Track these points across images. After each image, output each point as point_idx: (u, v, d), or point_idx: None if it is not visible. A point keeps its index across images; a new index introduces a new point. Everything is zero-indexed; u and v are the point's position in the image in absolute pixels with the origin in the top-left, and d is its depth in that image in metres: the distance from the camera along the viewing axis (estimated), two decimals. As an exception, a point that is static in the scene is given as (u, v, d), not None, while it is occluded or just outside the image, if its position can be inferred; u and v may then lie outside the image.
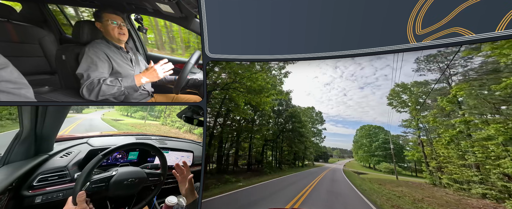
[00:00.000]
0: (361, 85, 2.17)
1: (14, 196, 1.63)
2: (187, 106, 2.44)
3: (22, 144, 1.84)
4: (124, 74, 2.11)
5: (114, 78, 2.02)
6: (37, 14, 2.16)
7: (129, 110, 2.80)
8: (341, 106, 2.32)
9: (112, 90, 1.97)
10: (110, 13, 2.07)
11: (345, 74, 2.22)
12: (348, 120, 2.34)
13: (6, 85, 1.63)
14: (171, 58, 2.54)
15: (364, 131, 2.56)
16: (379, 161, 2.64)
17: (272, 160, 2.97)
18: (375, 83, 2.12)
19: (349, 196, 2.34)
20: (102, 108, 2.61)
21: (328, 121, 2.47)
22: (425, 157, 2.12)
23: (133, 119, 2.82)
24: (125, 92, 2.03)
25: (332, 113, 2.39)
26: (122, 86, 2.00)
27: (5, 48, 1.89)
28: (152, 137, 2.65)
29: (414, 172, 2.21)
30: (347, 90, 2.26)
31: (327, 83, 2.34)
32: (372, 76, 2.11)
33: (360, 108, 2.23)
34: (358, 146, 2.77)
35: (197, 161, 2.58)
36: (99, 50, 2.01)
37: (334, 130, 2.46)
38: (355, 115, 2.29)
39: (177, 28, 2.51)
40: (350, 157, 2.95)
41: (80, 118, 2.35)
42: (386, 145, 2.49)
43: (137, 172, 1.78)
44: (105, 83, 1.95)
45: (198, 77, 2.36)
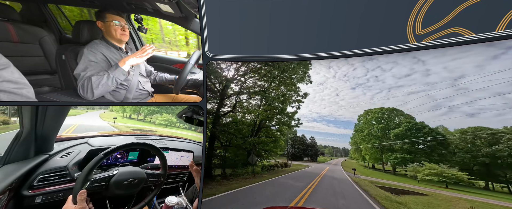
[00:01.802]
0: (353, 85, 2.21)
1: (14, 196, 1.63)
2: (187, 106, 2.44)
3: (22, 144, 1.84)
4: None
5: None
6: (37, 14, 2.16)
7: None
8: (334, 106, 2.35)
9: (101, 80, 1.95)
10: (113, 14, 2.07)
11: (338, 74, 2.26)
12: (340, 120, 2.36)
13: (7, 85, 1.64)
14: (171, 58, 2.55)
15: (372, 115, 2.12)
16: (405, 160, 1.92)
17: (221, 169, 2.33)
18: (366, 84, 2.16)
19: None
20: (93, 108, 2.50)
21: (320, 121, 2.47)
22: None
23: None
24: (114, 79, 2.00)
25: (324, 113, 2.42)
26: (110, 73, 1.99)
27: (5, 48, 1.89)
28: (152, 137, 2.65)
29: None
30: (340, 90, 2.30)
31: (320, 82, 2.37)
32: (363, 77, 2.15)
33: (352, 108, 2.26)
34: (362, 137, 2.23)
35: (197, 161, 2.58)
36: (97, 51, 2.01)
37: (326, 129, 2.47)
38: (346, 115, 2.31)
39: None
40: (342, 156, 2.63)
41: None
42: (419, 134, 1.88)
43: (137, 172, 1.78)
44: (93, 75, 1.94)
45: (198, 77, 2.36)
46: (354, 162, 2.38)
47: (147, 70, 2.40)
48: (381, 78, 2.06)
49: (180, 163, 2.48)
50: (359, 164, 2.33)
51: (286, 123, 2.52)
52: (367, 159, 2.27)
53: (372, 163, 2.26)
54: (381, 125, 2.13)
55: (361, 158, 2.32)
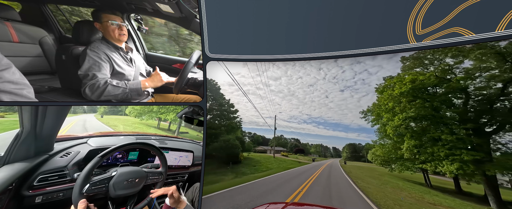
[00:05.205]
0: (342, 88, 2.25)
1: (14, 196, 1.63)
2: (187, 106, 2.44)
3: (22, 144, 1.84)
4: (125, 75, 2.11)
5: (120, 80, 2.03)
6: (37, 14, 2.16)
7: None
8: (323, 108, 2.37)
9: (117, 91, 1.99)
10: (109, 14, 2.07)
11: (327, 76, 2.29)
12: (329, 122, 2.39)
13: (8, 85, 1.65)
14: (171, 58, 2.55)
15: (400, 87, 1.61)
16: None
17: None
18: (354, 86, 2.20)
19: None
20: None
21: (310, 122, 2.49)
22: None
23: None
24: (129, 94, 2.04)
25: (314, 115, 2.43)
26: (128, 88, 2.02)
27: (5, 48, 1.89)
28: (152, 137, 2.65)
29: None
30: (329, 92, 2.33)
31: (311, 84, 2.38)
32: (351, 80, 2.19)
33: (340, 110, 2.30)
34: (383, 126, 1.82)
35: (197, 161, 2.58)
36: (99, 51, 2.01)
37: (316, 131, 2.50)
38: (335, 117, 2.34)
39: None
40: (333, 157, 2.61)
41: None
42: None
43: (137, 172, 1.78)
44: (111, 84, 1.96)
45: (198, 77, 2.36)
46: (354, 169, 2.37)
47: (147, 70, 2.40)
48: (367, 81, 2.12)
49: (180, 163, 2.48)
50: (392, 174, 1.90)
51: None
52: (384, 163, 1.88)
53: (393, 170, 1.79)
54: (424, 103, 1.54)
55: (380, 160, 2.00)
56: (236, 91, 2.59)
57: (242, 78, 2.54)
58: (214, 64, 2.34)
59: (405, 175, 1.89)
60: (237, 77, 2.52)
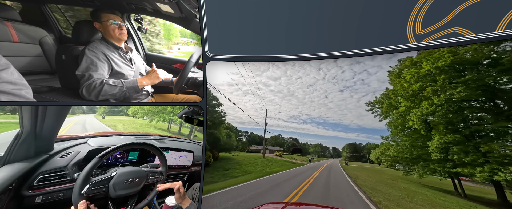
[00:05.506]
0: (341, 88, 2.25)
1: (14, 196, 1.63)
2: (187, 106, 2.44)
3: (22, 144, 1.84)
4: (124, 75, 2.11)
5: (117, 79, 2.03)
6: (37, 14, 2.16)
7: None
8: (323, 108, 2.37)
9: (113, 90, 1.98)
10: (109, 13, 2.07)
11: (327, 77, 2.28)
12: (328, 122, 2.39)
13: (6, 86, 1.64)
14: (171, 58, 2.55)
15: (433, 62, 1.26)
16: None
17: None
18: (353, 86, 2.20)
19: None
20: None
21: (310, 123, 2.48)
22: None
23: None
24: (126, 93, 2.04)
25: (314, 115, 2.43)
26: (124, 86, 2.01)
27: (5, 48, 1.89)
28: (152, 137, 2.65)
29: None
30: (329, 92, 2.33)
31: (310, 84, 2.38)
32: (351, 80, 2.19)
33: (340, 110, 2.30)
34: (400, 118, 1.53)
35: (197, 161, 2.58)
36: (98, 51, 2.01)
37: (315, 131, 2.50)
38: (335, 117, 2.34)
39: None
40: (333, 157, 2.56)
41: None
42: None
43: (137, 172, 1.78)
44: (107, 83, 1.96)
45: (198, 77, 2.36)
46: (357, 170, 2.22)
47: (146, 70, 2.40)
48: (367, 82, 2.12)
49: (180, 163, 2.48)
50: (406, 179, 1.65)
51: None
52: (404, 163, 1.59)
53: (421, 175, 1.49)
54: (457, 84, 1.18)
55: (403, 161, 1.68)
56: (236, 91, 2.59)
57: (241, 78, 2.54)
58: (214, 64, 2.34)
59: (427, 180, 1.56)
60: (237, 77, 2.52)
